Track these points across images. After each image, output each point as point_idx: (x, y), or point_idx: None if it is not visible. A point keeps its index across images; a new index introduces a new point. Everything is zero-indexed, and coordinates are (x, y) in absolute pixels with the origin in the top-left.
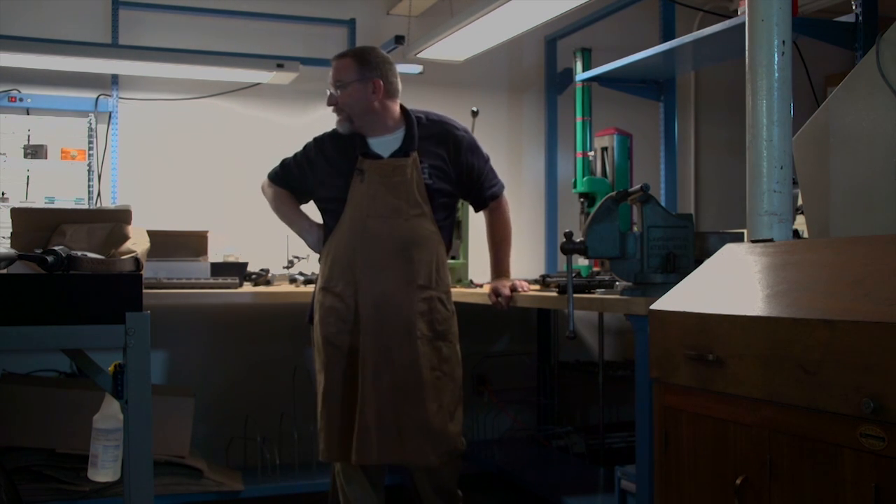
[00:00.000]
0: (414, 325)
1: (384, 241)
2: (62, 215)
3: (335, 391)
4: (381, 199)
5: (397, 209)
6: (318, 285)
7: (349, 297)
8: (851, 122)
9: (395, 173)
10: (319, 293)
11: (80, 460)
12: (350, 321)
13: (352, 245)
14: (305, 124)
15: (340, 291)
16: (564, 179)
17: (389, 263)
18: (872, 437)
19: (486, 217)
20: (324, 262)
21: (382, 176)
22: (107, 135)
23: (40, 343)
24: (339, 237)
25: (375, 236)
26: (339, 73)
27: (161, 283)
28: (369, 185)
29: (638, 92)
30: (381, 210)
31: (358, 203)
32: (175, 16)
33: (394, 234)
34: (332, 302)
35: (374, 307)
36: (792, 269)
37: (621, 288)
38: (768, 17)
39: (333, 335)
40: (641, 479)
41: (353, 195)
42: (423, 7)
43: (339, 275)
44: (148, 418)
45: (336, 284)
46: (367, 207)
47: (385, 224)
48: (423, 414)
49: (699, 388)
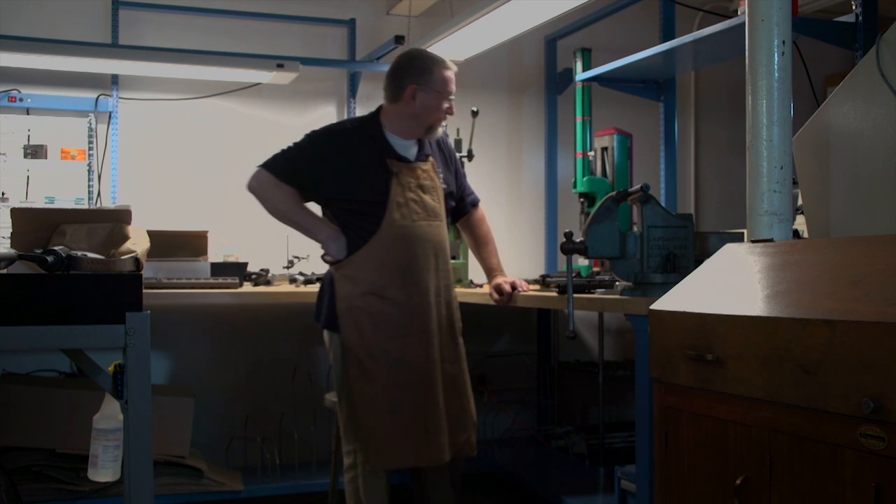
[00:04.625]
0: (455, 324)
1: (429, 244)
2: (62, 215)
3: (389, 396)
4: (421, 203)
5: (435, 212)
6: (359, 290)
7: (404, 302)
8: (851, 122)
9: (424, 177)
10: (362, 298)
11: (80, 460)
12: (404, 325)
13: (402, 249)
14: (305, 124)
15: (393, 296)
16: (564, 179)
17: (434, 265)
18: (872, 437)
19: (467, 224)
20: (362, 266)
21: (415, 179)
22: (107, 135)
23: (40, 343)
24: (383, 240)
25: (424, 239)
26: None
27: (161, 283)
28: (406, 187)
29: (638, 92)
30: (424, 213)
31: (402, 205)
32: (175, 16)
33: (433, 237)
34: (383, 307)
35: (430, 309)
36: (792, 269)
37: (621, 288)
38: (768, 17)
39: (387, 340)
40: (641, 479)
41: (396, 198)
42: (423, 7)
43: (391, 279)
44: (148, 418)
45: (388, 289)
46: (413, 210)
47: (428, 227)
48: (468, 407)
49: (699, 388)
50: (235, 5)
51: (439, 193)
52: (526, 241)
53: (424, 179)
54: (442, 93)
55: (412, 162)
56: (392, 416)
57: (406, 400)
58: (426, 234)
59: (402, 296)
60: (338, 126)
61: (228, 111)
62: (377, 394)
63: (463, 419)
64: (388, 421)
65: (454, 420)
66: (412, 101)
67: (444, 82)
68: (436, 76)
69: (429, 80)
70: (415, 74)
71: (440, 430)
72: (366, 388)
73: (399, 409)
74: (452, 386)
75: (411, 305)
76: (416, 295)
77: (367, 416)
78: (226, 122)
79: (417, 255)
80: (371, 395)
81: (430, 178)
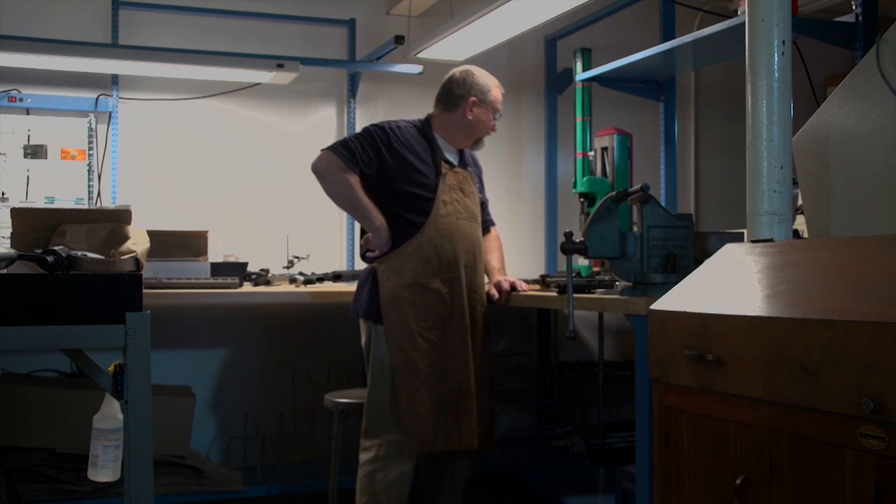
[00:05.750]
0: (487, 320)
1: (469, 242)
2: (62, 215)
3: (429, 383)
4: (462, 203)
5: (473, 214)
6: (404, 281)
7: (445, 293)
8: (851, 122)
9: (465, 182)
10: (407, 289)
11: (80, 460)
12: (445, 316)
13: (447, 243)
14: (305, 124)
15: (437, 287)
16: (564, 179)
17: (473, 262)
18: (872, 437)
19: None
20: (409, 258)
21: (458, 182)
22: (107, 135)
23: (40, 343)
24: (430, 234)
25: (465, 237)
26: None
27: (161, 283)
28: (452, 188)
29: (638, 92)
30: (465, 213)
31: (448, 203)
32: (175, 16)
33: (471, 236)
34: (425, 298)
35: (469, 302)
36: (792, 269)
37: (621, 288)
38: (768, 17)
39: (429, 329)
40: (641, 479)
41: (443, 195)
42: (423, 7)
43: (434, 271)
44: (148, 418)
45: (432, 281)
46: (457, 209)
47: (469, 226)
48: (490, 405)
49: (699, 388)
50: (235, 5)
51: (476, 199)
52: (526, 241)
53: (465, 184)
54: (494, 111)
55: (456, 167)
56: (431, 403)
57: (443, 387)
58: (466, 233)
59: (444, 288)
60: (396, 122)
61: (228, 111)
62: (419, 381)
63: (486, 415)
64: (427, 408)
65: (481, 414)
66: (469, 113)
67: (497, 102)
68: (493, 95)
69: (487, 96)
70: (477, 90)
71: (472, 417)
72: (408, 375)
73: (437, 396)
74: (480, 381)
75: (452, 297)
76: (457, 288)
77: (408, 403)
78: (226, 122)
79: (458, 250)
80: (413, 383)
81: (469, 185)
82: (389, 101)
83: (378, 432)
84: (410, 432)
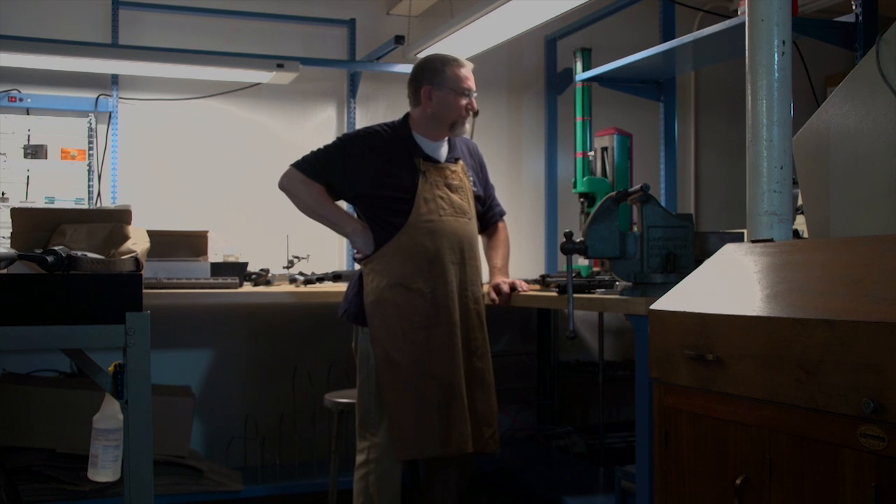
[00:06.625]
0: (483, 318)
1: (456, 239)
2: (62, 215)
3: (415, 386)
4: (448, 200)
5: (462, 209)
6: (387, 282)
7: (428, 293)
8: (851, 122)
9: (452, 177)
10: (389, 290)
11: (80, 460)
12: (430, 316)
13: (429, 241)
14: (305, 124)
15: (420, 287)
16: (564, 179)
17: (461, 259)
18: (872, 437)
19: (490, 233)
20: (390, 259)
21: (443, 178)
22: (107, 135)
23: (40, 343)
24: (411, 234)
25: (451, 233)
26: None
27: (161, 283)
28: (434, 185)
29: (638, 92)
30: (451, 210)
31: (429, 200)
32: (175, 16)
33: (460, 232)
34: (408, 298)
35: (454, 301)
36: (792, 269)
37: (621, 288)
38: (768, 17)
39: (413, 331)
40: (641, 479)
41: (423, 193)
42: (423, 7)
43: (417, 271)
44: (148, 418)
45: (414, 281)
46: (440, 206)
47: (455, 222)
48: (493, 403)
49: (699, 388)
50: (235, 5)
51: (468, 193)
52: (526, 241)
53: (452, 179)
54: (456, 90)
55: (440, 162)
56: (417, 405)
57: (431, 389)
58: (453, 229)
59: (427, 287)
60: (368, 128)
61: (228, 111)
62: (404, 384)
63: (489, 415)
64: (413, 410)
65: (481, 415)
66: (429, 102)
67: (456, 79)
68: (447, 74)
69: (441, 79)
70: (428, 76)
71: (463, 420)
72: (393, 378)
73: (424, 399)
74: (481, 381)
75: (436, 297)
76: (442, 286)
77: (394, 406)
78: (226, 122)
79: (443, 248)
80: (398, 385)
81: (459, 179)
82: (389, 101)
83: (368, 435)
84: (397, 435)
